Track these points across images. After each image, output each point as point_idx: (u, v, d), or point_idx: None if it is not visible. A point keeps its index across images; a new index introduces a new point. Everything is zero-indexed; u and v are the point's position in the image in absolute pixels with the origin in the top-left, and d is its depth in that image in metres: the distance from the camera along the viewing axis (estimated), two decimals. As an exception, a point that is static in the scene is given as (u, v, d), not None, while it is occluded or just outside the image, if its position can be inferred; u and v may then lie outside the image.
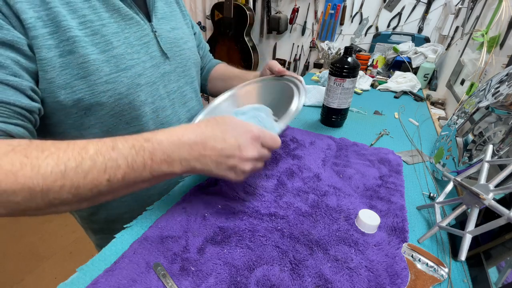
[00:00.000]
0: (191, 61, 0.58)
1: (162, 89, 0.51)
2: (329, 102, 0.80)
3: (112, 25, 0.42)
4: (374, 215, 0.46)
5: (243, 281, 0.36)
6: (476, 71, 0.88)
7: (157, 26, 0.50)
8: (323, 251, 0.41)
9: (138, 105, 0.47)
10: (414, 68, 1.37)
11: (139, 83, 0.46)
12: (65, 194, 0.30)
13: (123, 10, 0.44)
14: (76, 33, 0.38)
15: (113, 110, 0.44)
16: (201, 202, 0.49)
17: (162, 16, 0.52)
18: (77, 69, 0.39)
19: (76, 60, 0.39)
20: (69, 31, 0.38)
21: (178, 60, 0.54)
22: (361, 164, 0.63)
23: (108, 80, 0.42)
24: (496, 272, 0.36)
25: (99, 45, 0.41)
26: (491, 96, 0.54)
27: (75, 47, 0.38)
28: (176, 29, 0.55)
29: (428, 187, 0.59)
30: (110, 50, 0.42)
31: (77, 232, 1.58)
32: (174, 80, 0.54)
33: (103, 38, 0.41)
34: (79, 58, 0.39)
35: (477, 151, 0.53)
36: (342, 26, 1.79)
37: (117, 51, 0.43)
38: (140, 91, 0.46)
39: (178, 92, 0.55)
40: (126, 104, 0.45)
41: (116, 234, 0.43)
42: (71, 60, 0.38)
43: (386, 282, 0.37)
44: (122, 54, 0.43)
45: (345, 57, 0.74)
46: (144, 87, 0.47)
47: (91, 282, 0.35)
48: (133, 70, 0.45)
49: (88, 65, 0.39)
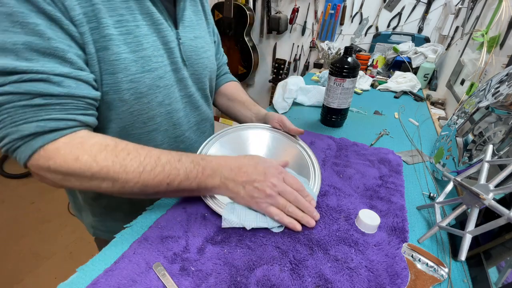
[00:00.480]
0: (207, 69, 0.60)
1: (177, 93, 0.54)
2: (329, 102, 0.80)
3: (144, 27, 0.45)
4: (374, 215, 0.46)
5: (243, 281, 0.36)
6: (476, 71, 0.88)
7: (182, 33, 0.52)
8: (323, 251, 0.41)
9: (155, 106, 0.50)
10: (414, 68, 1.37)
11: (159, 85, 0.49)
12: (136, 189, 0.39)
13: (155, 15, 0.46)
14: (112, 31, 0.41)
15: (132, 107, 0.47)
16: (201, 202, 0.49)
17: (188, 25, 0.54)
18: (108, 65, 0.42)
19: (109, 57, 0.41)
20: (107, 29, 0.40)
21: (195, 68, 0.57)
22: (361, 164, 0.63)
23: (133, 79, 0.45)
24: (496, 272, 0.36)
25: (130, 45, 0.43)
26: (491, 96, 0.54)
27: (110, 44, 0.41)
28: (199, 38, 0.57)
29: (428, 187, 0.59)
30: (139, 51, 0.45)
31: (77, 232, 1.58)
32: (189, 86, 0.56)
33: (135, 38, 0.44)
34: (112, 55, 0.41)
35: (477, 151, 0.53)
36: (342, 26, 1.79)
37: (145, 52, 0.45)
38: (158, 93, 0.49)
39: (192, 97, 0.58)
40: (145, 103, 0.48)
41: (116, 234, 0.43)
42: (104, 56, 0.41)
43: (386, 282, 0.38)
44: (149, 56, 0.46)
45: (345, 57, 0.74)
46: (162, 89, 0.50)
47: (91, 282, 0.35)
48: (156, 72, 0.47)
49: (118, 63, 0.42)
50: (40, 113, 0.35)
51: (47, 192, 1.88)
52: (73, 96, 0.38)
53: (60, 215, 1.69)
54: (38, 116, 0.35)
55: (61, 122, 0.37)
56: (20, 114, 0.34)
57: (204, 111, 0.64)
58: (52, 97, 0.36)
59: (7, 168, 2.06)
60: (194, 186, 0.42)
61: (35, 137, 0.35)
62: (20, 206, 1.76)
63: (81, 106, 0.39)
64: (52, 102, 0.36)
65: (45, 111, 0.36)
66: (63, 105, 0.37)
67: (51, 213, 1.71)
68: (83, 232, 1.57)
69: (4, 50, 0.33)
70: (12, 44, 0.33)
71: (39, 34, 0.34)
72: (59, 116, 0.36)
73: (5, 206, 1.75)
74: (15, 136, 0.35)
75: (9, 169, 2.03)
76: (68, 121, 0.37)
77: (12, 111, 0.34)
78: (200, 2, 0.61)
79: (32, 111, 0.35)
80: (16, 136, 0.35)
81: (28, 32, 0.34)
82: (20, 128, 0.35)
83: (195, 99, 0.59)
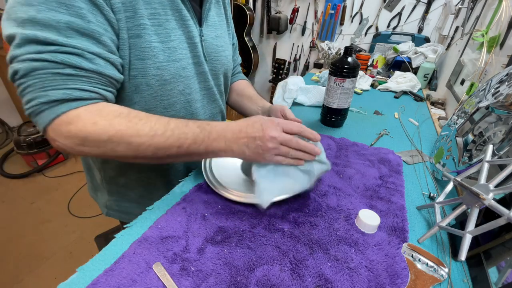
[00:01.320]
0: (224, 67, 0.66)
1: (197, 84, 0.59)
2: (329, 102, 0.80)
3: (173, 22, 0.50)
4: (374, 215, 0.46)
5: (243, 281, 0.36)
6: (476, 71, 0.88)
7: (205, 31, 0.57)
8: (323, 251, 0.41)
9: (176, 93, 0.54)
10: (414, 68, 1.37)
11: (181, 75, 0.53)
12: (149, 152, 0.42)
13: (183, 12, 0.51)
14: (146, 21, 0.46)
15: (156, 92, 0.51)
16: (201, 202, 0.49)
17: (211, 24, 0.59)
18: (139, 51, 0.46)
19: (141, 44, 0.46)
20: (142, 19, 0.45)
21: (214, 64, 0.61)
22: (361, 164, 0.63)
23: (160, 66, 0.49)
24: (496, 272, 0.36)
25: (160, 36, 0.48)
26: (491, 96, 0.54)
27: (143, 33, 0.46)
28: (219, 37, 0.62)
29: (428, 187, 0.59)
30: (167, 42, 0.49)
31: (77, 232, 1.58)
32: (208, 80, 0.61)
33: (165, 30, 0.49)
34: (143, 42, 0.46)
35: (477, 151, 0.53)
36: (342, 26, 1.79)
37: (172, 44, 0.50)
38: (180, 82, 0.54)
39: (210, 90, 0.63)
40: (168, 90, 0.52)
41: (116, 234, 0.43)
42: (137, 43, 0.45)
43: (386, 282, 0.38)
44: (175, 47, 0.51)
45: (345, 57, 0.74)
46: (184, 79, 0.54)
47: (91, 282, 0.35)
48: (180, 63, 0.52)
49: (148, 50, 0.47)
50: (68, 82, 0.39)
51: (47, 192, 1.88)
52: (100, 73, 0.41)
53: (60, 215, 1.69)
54: (66, 85, 0.38)
55: (85, 92, 0.40)
56: (51, 81, 0.38)
57: (220, 105, 0.69)
58: (82, 70, 0.39)
59: (7, 168, 2.06)
60: (202, 149, 0.45)
61: (60, 103, 0.38)
62: (20, 206, 1.75)
63: (105, 82, 0.43)
64: (81, 74, 0.39)
65: (73, 81, 0.39)
66: (90, 78, 0.41)
67: (51, 213, 1.70)
68: (83, 232, 1.57)
69: (48, 26, 0.36)
70: (56, 22, 0.37)
71: (81, 16, 0.38)
72: (85, 87, 0.40)
73: (5, 206, 1.75)
74: (42, 100, 0.38)
75: (9, 169, 2.03)
76: (92, 92, 0.41)
77: (44, 77, 0.37)
78: (223, 7, 0.66)
79: (62, 79, 0.38)
80: (44, 100, 0.38)
81: (72, 13, 0.38)
82: (49, 93, 0.38)
83: (213, 93, 0.64)
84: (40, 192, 1.87)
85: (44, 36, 0.36)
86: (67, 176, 2.04)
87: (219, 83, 0.66)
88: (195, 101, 0.59)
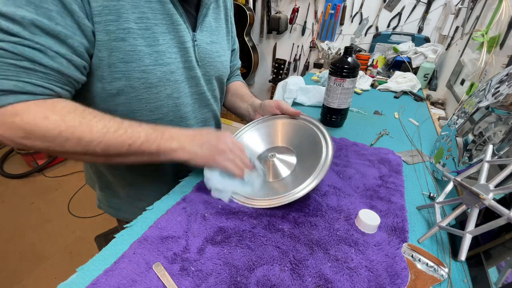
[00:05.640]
0: (219, 72, 0.64)
1: (187, 89, 0.58)
2: (329, 102, 0.80)
3: (162, 26, 0.49)
4: (374, 215, 0.46)
5: (243, 281, 0.36)
6: (476, 71, 0.88)
7: (199, 36, 0.56)
8: (324, 251, 0.41)
9: (163, 97, 0.54)
10: (414, 68, 1.37)
11: (169, 79, 0.53)
12: (98, 149, 0.42)
13: (174, 16, 0.50)
14: (131, 25, 0.45)
15: (141, 95, 0.51)
16: (201, 202, 0.49)
17: (207, 29, 0.59)
18: (124, 54, 0.46)
19: (125, 47, 0.45)
20: (126, 22, 0.45)
21: (207, 69, 0.61)
22: (361, 164, 0.63)
23: (146, 70, 0.49)
24: (496, 272, 0.36)
25: (147, 40, 0.48)
26: (491, 96, 0.54)
27: (128, 36, 0.45)
28: (215, 43, 0.61)
29: (428, 187, 0.59)
30: (155, 46, 0.49)
31: (77, 232, 1.58)
32: (201, 85, 0.60)
33: (152, 34, 0.48)
34: (128, 46, 0.46)
35: (477, 151, 0.53)
36: (342, 26, 1.79)
37: (160, 48, 0.49)
38: (168, 86, 0.53)
39: (203, 95, 0.63)
40: (154, 93, 0.52)
41: (116, 234, 0.43)
42: (121, 46, 0.45)
43: (386, 282, 0.38)
44: (163, 51, 0.50)
45: (345, 57, 0.74)
46: (172, 83, 0.54)
47: (91, 282, 0.35)
48: (168, 67, 0.51)
49: (133, 54, 0.46)
50: (22, 74, 0.37)
51: (47, 192, 1.88)
52: (60, 72, 0.40)
53: (60, 215, 1.69)
54: (19, 77, 0.37)
55: (38, 88, 0.39)
56: (4, 70, 0.36)
57: (213, 110, 0.68)
58: (41, 65, 0.38)
59: (7, 168, 2.06)
60: (154, 148, 0.46)
61: (8, 94, 0.37)
62: (20, 206, 1.76)
63: (63, 81, 0.42)
64: (38, 69, 0.38)
65: (28, 75, 0.38)
66: (48, 75, 0.39)
67: (51, 213, 1.71)
68: (83, 232, 1.57)
69: (12, 19, 0.35)
70: (20, 17, 0.35)
71: (49, 17, 0.37)
72: (39, 82, 0.39)
73: (5, 206, 1.75)
74: None
75: (9, 169, 2.03)
76: (45, 89, 0.40)
77: None
78: (224, 12, 0.65)
79: (16, 71, 0.37)
80: None
81: (39, 13, 0.37)
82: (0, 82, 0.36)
83: (205, 97, 0.63)
84: (40, 192, 1.87)
85: (7, 25, 0.35)
86: (67, 176, 2.04)
87: (213, 88, 0.66)
88: (185, 105, 0.58)
